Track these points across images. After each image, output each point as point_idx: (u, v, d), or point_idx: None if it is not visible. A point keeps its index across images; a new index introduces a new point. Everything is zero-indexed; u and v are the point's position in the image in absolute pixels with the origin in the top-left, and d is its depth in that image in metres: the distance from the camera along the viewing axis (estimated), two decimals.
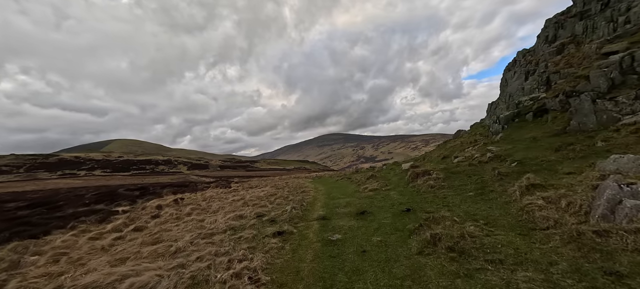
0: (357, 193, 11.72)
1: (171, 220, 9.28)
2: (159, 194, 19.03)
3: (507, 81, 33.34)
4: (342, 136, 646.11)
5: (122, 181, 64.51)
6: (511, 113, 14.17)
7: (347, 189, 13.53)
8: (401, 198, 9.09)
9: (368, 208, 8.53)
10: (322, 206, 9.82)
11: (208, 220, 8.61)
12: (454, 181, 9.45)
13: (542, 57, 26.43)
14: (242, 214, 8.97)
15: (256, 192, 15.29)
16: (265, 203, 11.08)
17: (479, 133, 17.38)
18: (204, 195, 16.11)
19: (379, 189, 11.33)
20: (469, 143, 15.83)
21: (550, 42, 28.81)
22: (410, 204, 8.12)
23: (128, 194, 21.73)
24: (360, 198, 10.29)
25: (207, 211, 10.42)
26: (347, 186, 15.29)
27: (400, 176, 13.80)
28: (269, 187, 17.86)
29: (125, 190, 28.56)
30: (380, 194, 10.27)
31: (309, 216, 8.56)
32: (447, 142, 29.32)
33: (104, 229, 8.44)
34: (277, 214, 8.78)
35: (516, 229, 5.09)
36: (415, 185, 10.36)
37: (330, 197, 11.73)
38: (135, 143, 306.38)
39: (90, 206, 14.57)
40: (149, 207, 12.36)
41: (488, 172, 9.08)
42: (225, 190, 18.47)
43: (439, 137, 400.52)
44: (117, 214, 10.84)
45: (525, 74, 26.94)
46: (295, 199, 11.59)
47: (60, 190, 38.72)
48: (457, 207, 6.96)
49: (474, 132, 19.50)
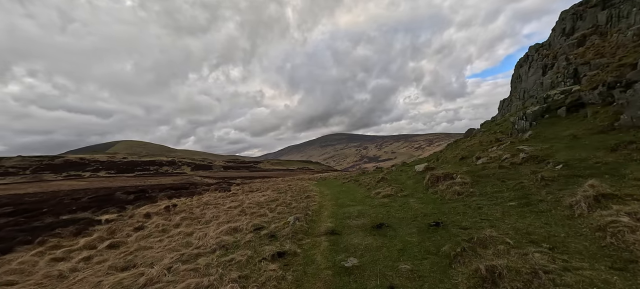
0: (368, 199, 10.37)
1: (156, 233, 8.01)
2: (154, 198, 17.85)
3: (520, 77, 31.74)
4: (345, 136, 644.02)
5: (124, 182, 63.87)
6: (539, 108, 12.70)
7: (357, 194, 12.17)
8: (424, 207, 7.71)
9: (386, 220, 7.18)
10: (330, 216, 8.48)
11: (197, 234, 7.33)
12: (485, 187, 8.04)
13: (560, 50, 24.85)
14: (238, 227, 7.67)
15: (256, 197, 14.01)
16: (265, 211, 9.78)
17: (499, 131, 15.92)
18: (200, 200, 14.87)
19: (394, 195, 9.95)
20: (489, 142, 14.38)
21: (568, 35, 27.20)
22: (438, 216, 6.74)
23: (122, 198, 20.61)
24: (373, 206, 8.93)
25: (199, 221, 9.15)
26: (355, 190, 13.94)
27: (416, 179, 12.41)
28: (271, 191, 16.58)
29: (122, 193, 27.52)
30: (397, 202, 8.90)
31: (316, 229, 7.23)
32: (459, 141, 27.78)
33: (76, 244, 7.21)
34: (277, 227, 7.46)
35: (604, 260, 3.69)
36: (437, 191, 8.98)
37: (339, 204, 10.40)
38: (140, 144, 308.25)
39: (75, 213, 13.41)
40: (137, 215, 11.13)
41: (526, 177, 7.66)
42: (223, 194, 17.22)
43: (443, 136, 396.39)
44: (98, 225, 9.62)
45: (542, 68, 25.39)
46: (298, 207, 10.28)
47: (58, 193, 37.94)
48: (501, 222, 5.57)
49: (492, 130, 18.00)
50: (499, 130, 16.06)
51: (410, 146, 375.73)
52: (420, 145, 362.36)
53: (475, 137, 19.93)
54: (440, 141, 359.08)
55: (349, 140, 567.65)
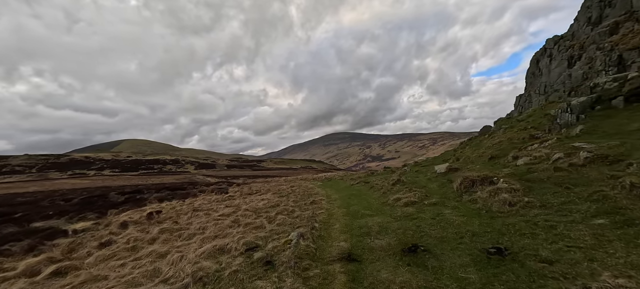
0: (387, 207, 8.58)
1: (122, 252, 6.33)
2: (144, 201, 16.24)
3: (540, 70, 29.67)
4: (348, 135, 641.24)
5: (127, 181, 62.73)
6: (588, 99, 10.82)
7: (371, 200, 10.39)
8: (467, 222, 5.91)
9: (419, 240, 5.41)
10: (343, 231, 6.73)
11: (171, 257, 5.62)
12: (545, 196, 6.22)
13: (588, 40, 22.77)
14: (225, 246, 5.95)
15: (254, 202, 12.31)
16: (263, 222, 8.05)
17: (530, 127, 14.01)
18: (192, 204, 13.21)
19: (420, 203, 8.16)
20: (521, 139, 12.50)
21: (595, 24, 25.11)
22: (494, 237, 4.95)
23: (112, 200, 19.08)
24: (396, 218, 7.15)
25: (181, 234, 7.45)
26: (367, 194, 12.15)
27: (440, 182, 10.60)
28: (271, 194, 14.87)
29: (116, 193, 26.09)
30: (426, 212, 7.11)
31: (326, 251, 5.49)
32: (475, 139, 25.81)
33: (13, 269, 5.56)
34: (276, 246, 5.72)
35: None
36: (476, 199, 7.17)
37: (351, 212, 8.63)
38: (145, 143, 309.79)
39: (50, 218, 11.84)
40: (113, 223, 9.48)
41: (603, 183, 5.83)
42: (219, 197, 15.55)
43: (447, 135, 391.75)
44: (62, 238, 7.98)
45: (567, 60, 23.35)
46: (302, 216, 8.54)
47: (54, 192, 36.67)
48: (605, 254, 3.76)
49: (518, 126, 16.05)
50: (530, 125, 14.15)
51: (414, 145, 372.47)
52: (424, 144, 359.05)
53: (498, 134, 18.00)
54: (444, 140, 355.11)
55: (352, 139, 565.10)
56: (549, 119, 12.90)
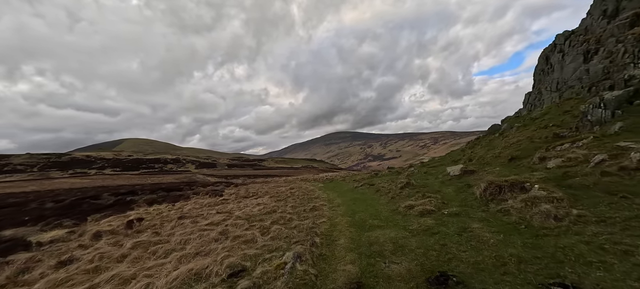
0: (398, 216, 7.42)
1: (80, 274, 5.20)
2: (131, 204, 15.13)
3: (552, 67, 28.37)
4: (349, 134, 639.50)
5: (127, 180, 61.69)
6: (624, 93, 9.62)
7: (378, 206, 9.21)
8: (503, 241, 4.74)
9: (447, 265, 4.25)
10: (349, 248, 5.58)
11: (137, 285, 4.48)
12: (599, 207, 5.06)
13: (606, 33, 21.51)
14: (205, 268, 4.82)
15: (249, 207, 11.18)
16: (255, 234, 6.91)
17: (551, 124, 12.78)
18: (182, 209, 12.08)
19: (437, 212, 6.99)
20: (544, 138, 11.31)
21: (611, 17, 23.83)
22: (548, 265, 3.79)
23: (100, 203, 18.02)
24: (413, 232, 5.99)
25: (157, 250, 6.31)
26: (374, 198, 10.98)
27: (456, 186, 9.43)
28: (268, 197, 13.72)
29: (110, 194, 25.07)
30: (449, 225, 5.94)
31: (329, 278, 4.35)
32: (483, 139, 24.61)
33: None
34: (267, 272, 4.57)
35: None
36: (508, 209, 6.00)
37: (357, 222, 7.47)
38: (147, 142, 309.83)
39: (25, 225, 10.76)
40: (87, 233, 8.36)
41: None
42: (212, 200, 14.41)
43: (449, 135, 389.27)
44: (22, 252, 6.87)
45: (583, 54, 22.07)
46: (301, 226, 7.40)
47: (49, 193, 35.67)
48: None
49: (540, 124, 14.83)
50: (551, 123, 12.94)
51: (415, 144, 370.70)
52: (425, 143, 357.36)
53: (511, 133, 16.79)
54: (446, 139, 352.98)
55: (354, 138, 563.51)
56: (573, 116, 11.70)
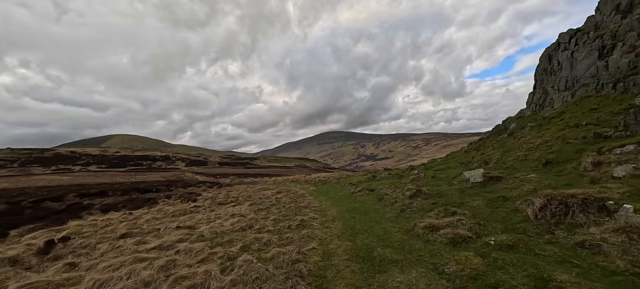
0: (419, 243, 5.23)
1: None
2: (85, 210, 12.56)
3: (559, 64, 26.81)
4: (342, 134, 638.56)
5: (110, 178, 57.97)
6: None
7: (386, 223, 7.00)
8: None
9: None
10: None
11: None
12: None
13: (623, 28, 19.94)
14: None
15: (222, 219, 8.85)
16: (210, 271, 4.63)
17: (587, 122, 10.82)
18: (135, 222, 9.63)
19: (480, 241, 4.83)
20: (582, 139, 9.36)
21: (625, 12, 22.34)
22: None
23: (49, 208, 15.32)
24: (453, 280, 3.81)
25: None
26: (377, 210, 8.78)
27: (486, 199, 7.32)
28: (249, 205, 11.39)
29: (76, 195, 22.27)
30: (513, 271, 3.77)
31: None
32: (487, 139, 22.78)
33: None
34: None
35: None
36: (595, 243, 3.89)
37: (361, 251, 5.25)
38: (136, 138, 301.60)
39: None
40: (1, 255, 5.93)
41: None
42: (181, 208, 11.97)
43: (441, 136, 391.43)
44: None
45: (598, 50, 20.47)
46: (281, 259, 5.14)
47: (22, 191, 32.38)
48: None
49: (568, 121, 12.93)
50: (585, 121, 11.00)
51: (407, 145, 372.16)
52: (417, 144, 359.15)
53: (530, 133, 14.88)
54: (437, 140, 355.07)
55: (347, 138, 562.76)
56: (611, 114, 9.80)
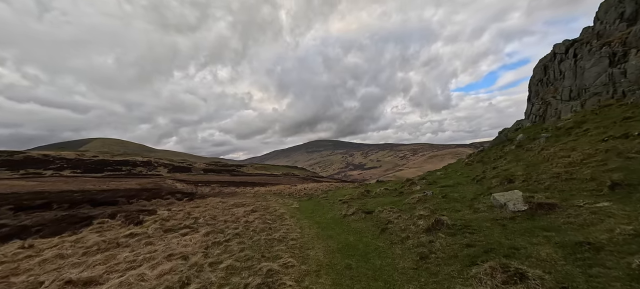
0: None
1: None
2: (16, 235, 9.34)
3: (562, 73, 25.61)
4: (331, 143, 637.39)
5: (80, 185, 52.75)
6: None
7: (402, 285, 4.45)
8: None
9: None
10: None
11: None
12: None
13: (633, 35, 18.66)
14: None
15: (151, 263, 6.01)
16: None
17: (630, 130, 8.84)
18: (21, 264, 6.62)
19: None
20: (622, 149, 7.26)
21: (631, 20, 21.30)
22: None
23: None
24: None
25: None
26: (383, 253, 6.17)
27: (550, 241, 4.87)
28: (203, 234, 8.50)
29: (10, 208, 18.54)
30: None
31: None
32: (489, 152, 20.83)
33: None
34: None
35: None
36: None
37: None
38: (118, 142, 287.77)
39: None
40: None
41: None
42: (117, 234, 8.96)
43: (427, 147, 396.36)
44: None
45: (608, 57, 19.11)
46: None
47: None
48: None
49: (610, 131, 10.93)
50: (637, 131, 8.98)
51: (394, 155, 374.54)
52: (404, 154, 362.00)
53: (545, 144, 12.84)
54: (424, 151, 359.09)
55: (335, 147, 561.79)
56: None
